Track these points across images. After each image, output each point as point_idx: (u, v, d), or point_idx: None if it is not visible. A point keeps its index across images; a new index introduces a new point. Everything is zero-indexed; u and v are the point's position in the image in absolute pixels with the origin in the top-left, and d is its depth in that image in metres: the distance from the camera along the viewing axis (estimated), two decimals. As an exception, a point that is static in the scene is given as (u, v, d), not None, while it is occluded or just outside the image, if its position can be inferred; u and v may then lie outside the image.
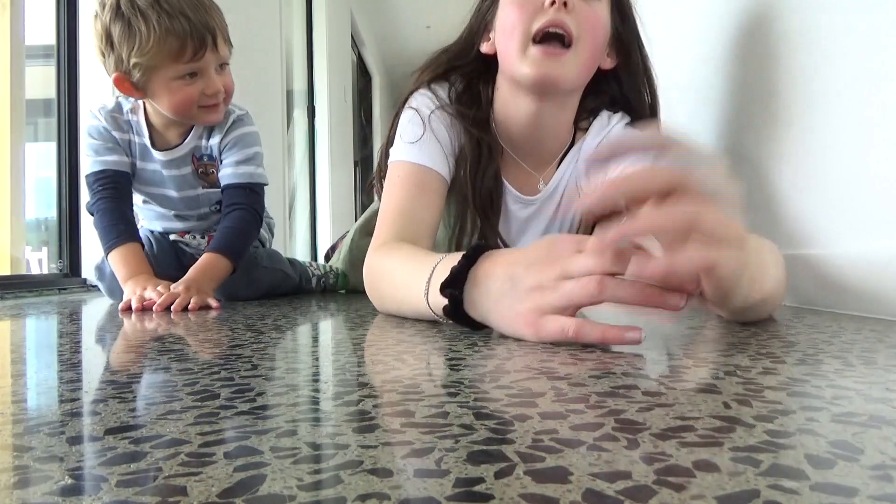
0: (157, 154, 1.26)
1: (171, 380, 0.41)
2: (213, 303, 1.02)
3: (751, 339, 0.53)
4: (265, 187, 1.31)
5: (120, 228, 1.18)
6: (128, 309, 1.00)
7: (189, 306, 0.97)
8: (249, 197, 1.25)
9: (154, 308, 0.97)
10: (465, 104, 0.94)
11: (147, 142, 1.25)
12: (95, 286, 1.49)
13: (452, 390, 0.36)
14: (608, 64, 0.93)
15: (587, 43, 0.85)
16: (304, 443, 0.27)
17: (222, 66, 1.19)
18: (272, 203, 3.13)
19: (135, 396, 0.36)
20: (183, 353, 0.53)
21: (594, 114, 0.97)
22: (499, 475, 0.22)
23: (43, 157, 2.00)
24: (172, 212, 1.36)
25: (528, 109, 0.91)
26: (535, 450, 0.25)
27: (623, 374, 0.40)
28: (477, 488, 0.21)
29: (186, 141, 1.26)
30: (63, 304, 1.26)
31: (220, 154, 1.27)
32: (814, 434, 0.27)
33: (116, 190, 1.23)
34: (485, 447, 0.25)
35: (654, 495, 0.20)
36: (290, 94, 3.72)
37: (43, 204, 2.05)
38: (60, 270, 1.97)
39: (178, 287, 1.03)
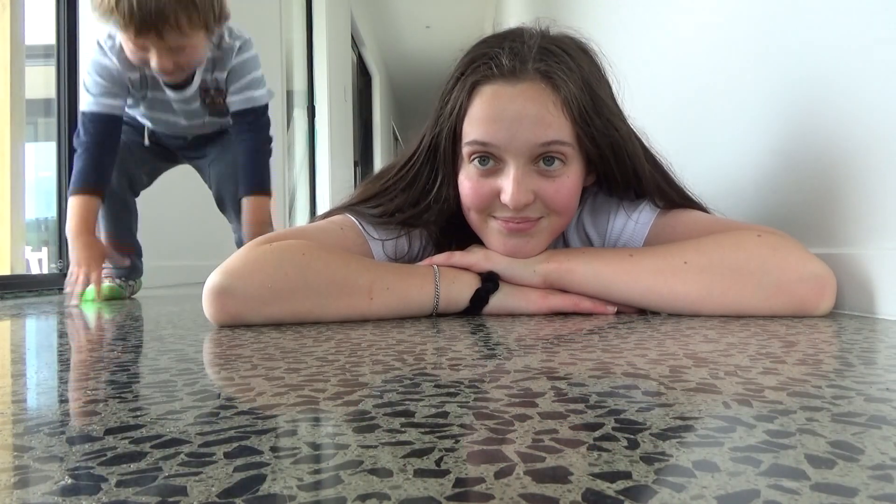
0: (170, 93, 1.36)
1: (171, 380, 0.41)
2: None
3: (751, 339, 0.53)
4: (268, 105, 1.45)
5: (91, 179, 1.29)
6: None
7: None
8: (252, 121, 1.40)
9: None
10: (451, 231, 0.84)
11: (160, 77, 1.32)
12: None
13: (452, 390, 0.36)
14: (588, 182, 0.81)
15: (558, 218, 0.76)
16: (304, 443, 0.27)
17: (179, 47, 1.21)
18: (272, 204, 3.14)
19: (135, 396, 0.36)
20: (183, 352, 0.53)
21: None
22: (499, 475, 0.22)
23: (43, 157, 2.00)
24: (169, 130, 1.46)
25: None
26: (535, 450, 0.25)
27: (623, 374, 0.40)
28: (477, 488, 0.21)
29: (195, 79, 1.36)
30: (63, 304, 1.26)
31: (226, 82, 1.39)
32: (814, 434, 0.27)
33: (107, 136, 1.32)
34: (485, 447, 0.25)
35: (654, 495, 0.20)
36: (290, 94, 3.72)
37: (43, 204, 2.05)
38: (60, 270, 1.97)
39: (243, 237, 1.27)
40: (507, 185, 0.72)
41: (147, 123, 1.45)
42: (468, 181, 0.76)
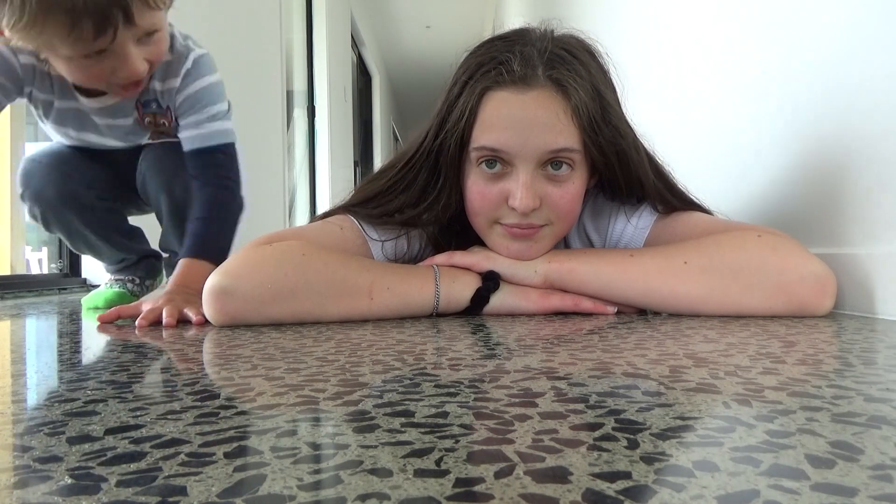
0: (84, 100, 1.01)
1: (171, 380, 0.41)
2: (192, 315, 0.78)
3: (751, 339, 0.53)
4: (235, 145, 1.08)
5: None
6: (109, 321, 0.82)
7: (164, 322, 0.77)
8: (220, 165, 1.03)
9: (137, 324, 0.76)
10: (451, 232, 0.85)
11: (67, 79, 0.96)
12: (96, 286, 1.50)
13: (452, 390, 0.36)
14: (590, 184, 0.81)
15: (562, 223, 0.77)
16: (304, 443, 0.27)
17: (149, 34, 0.88)
18: (272, 203, 3.14)
19: (135, 396, 0.36)
20: (183, 353, 0.53)
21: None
22: (499, 475, 0.22)
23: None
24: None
25: None
26: (535, 450, 0.25)
27: (623, 374, 0.40)
28: (477, 488, 0.21)
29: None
30: (63, 304, 1.26)
31: (177, 109, 1.03)
32: (814, 434, 0.27)
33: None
34: (485, 447, 0.25)
35: (654, 495, 0.20)
36: (290, 94, 3.72)
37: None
38: (60, 270, 1.98)
39: (158, 301, 0.81)
40: (516, 189, 0.73)
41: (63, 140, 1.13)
42: (475, 185, 0.76)
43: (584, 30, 0.79)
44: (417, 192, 0.80)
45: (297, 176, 4.13)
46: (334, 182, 4.28)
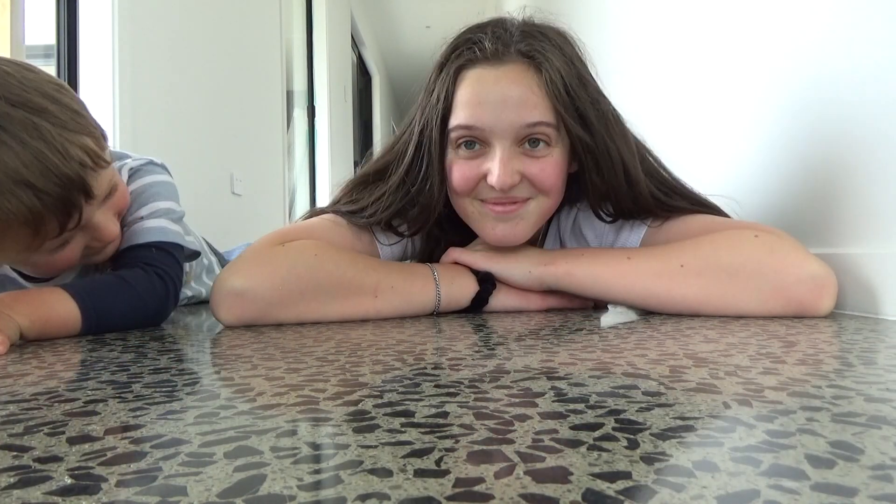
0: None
1: (171, 380, 0.41)
2: None
3: (751, 339, 0.53)
4: (180, 248, 0.84)
5: None
6: None
7: None
8: (153, 258, 0.79)
9: None
10: (449, 227, 0.85)
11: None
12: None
13: (452, 390, 0.36)
14: (571, 169, 0.80)
15: (546, 198, 0.76)
16: (304, 443, 0.27)
17: (108, 194, 0.74)
18: (272, 204, 3.14)
19: (135, 396, 0.36)
20: (183, 353, 0.53)
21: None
22: (499, 475, 0.22)
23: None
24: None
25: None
26: (535, 450, 0.25)
27: (623, 374, 0.40)
28: (477, 488, 0.21)
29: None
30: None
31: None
32: (814, 434, 0.27)
33: None
34: (485, 447, 0.25)
35: (654, 495, 0.20)
36: (290, 94, 3.72)
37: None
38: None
39: None
40: (494, 166, 0.73)
41: None
42: (455, 165, 0.76)
43: (581, 24, 0.79)
44: (409, 186, 0.79)
45: (297, 176, 4.13)
46: (334, 182, 4.28)
